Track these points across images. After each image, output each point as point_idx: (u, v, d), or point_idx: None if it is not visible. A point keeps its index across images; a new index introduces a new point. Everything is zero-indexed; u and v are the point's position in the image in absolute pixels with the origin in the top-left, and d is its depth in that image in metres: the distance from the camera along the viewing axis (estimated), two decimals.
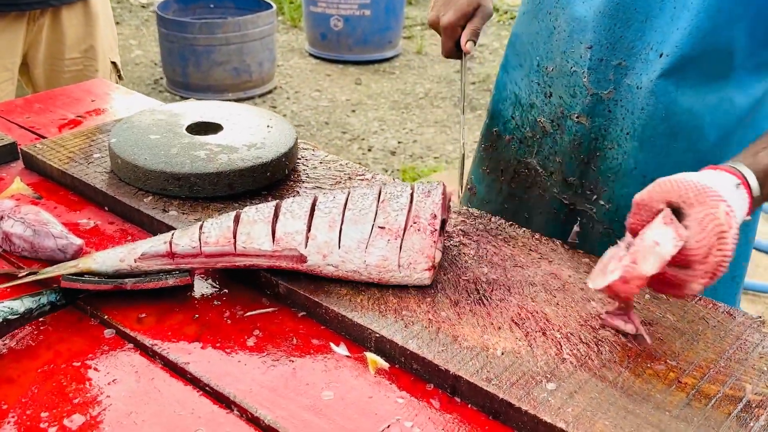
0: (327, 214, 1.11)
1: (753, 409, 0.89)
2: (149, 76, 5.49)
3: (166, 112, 1.50)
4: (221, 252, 1.10)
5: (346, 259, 1.08)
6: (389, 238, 1.09)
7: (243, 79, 5.09)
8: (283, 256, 1.09)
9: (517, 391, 0.91)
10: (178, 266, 1.10)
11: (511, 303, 1.07)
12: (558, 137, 1.29)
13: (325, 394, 0.94)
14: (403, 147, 4.48)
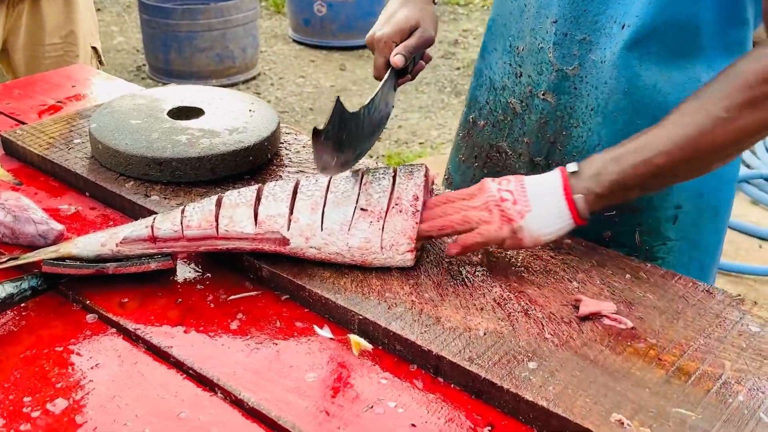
0: (309, 197, 1.11)
1: (732, 385, 0.90)
2: (131, 63, 5.45)
3: (146, 96, 1.49)
4: (203, 235, 1.10)
5: (329, 242, 1.08)
6: (371, 220, 1.09)
7: (226, 65, 5.06)
8: (265, 239, 1.09)
9: (499, 371, 0.91)
10: (160, 250, 1.10)
11: (493, 284, 1.07)
12: (526, 117, 1.29)
13: (308, 376, 0.95)
14: (388, 132, 4.48)
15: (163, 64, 5.04)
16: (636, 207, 1.23)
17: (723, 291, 1.07)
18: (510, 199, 1.05)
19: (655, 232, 1.24)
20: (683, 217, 1.24)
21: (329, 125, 1.06)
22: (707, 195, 1.25)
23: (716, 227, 1.30)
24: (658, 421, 0.84)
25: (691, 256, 1.27)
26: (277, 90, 5.07)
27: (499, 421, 0.89)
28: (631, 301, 1.05)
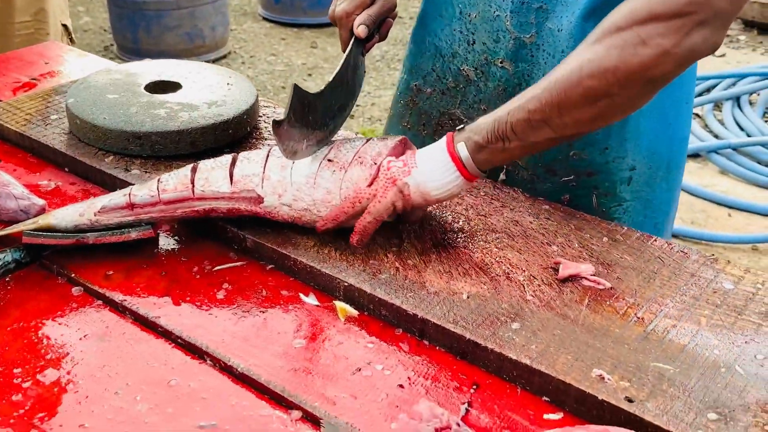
0: (280, 157, 1.12)
1: (708, 340, 0.93)
2: (99, 43, 5.37)
3: (122, 71, 1.48)
4: (180, 197, 1.10)
5: (298, 197, 1.09)
6: (335, 169, 1.10)
7: (196, 44, 5.02)
8: (241, 198, 1.10)
9: (483, 332, 0.94)
10: (138, 218, 1.10)
11: (476, 250, 1.09)
12: (482, 84, 1.30)
13: (296, 342, 0.96)
14: (361, 110, 4.48)
15: (131, 44, 4.97)
16: (592, 171, 1.26)
17: (697, 251, 1.10)
18: (398, 164, 1.06)
19: (612, 194, 1.28)
20: (637, 177, 1.28)
21: (290, 113, 1.07)
22: (659, 153, 1.28)
23: (669, 185, 1.33)
24: (636, 376, 0.87)
25: (645, 215, 1.31)
26: (248, 69, 5.04)
27: (484, 380, 0.91)
28: (609, 263, 1.07)
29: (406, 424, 0.78)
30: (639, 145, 1.26)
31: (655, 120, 1.27)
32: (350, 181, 1.08)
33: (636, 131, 1.25)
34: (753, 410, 0.83)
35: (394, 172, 1.06)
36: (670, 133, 1.30)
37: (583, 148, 1.26)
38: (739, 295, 1.01)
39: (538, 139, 1.01)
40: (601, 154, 1.26)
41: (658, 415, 0.81)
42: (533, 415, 0.86)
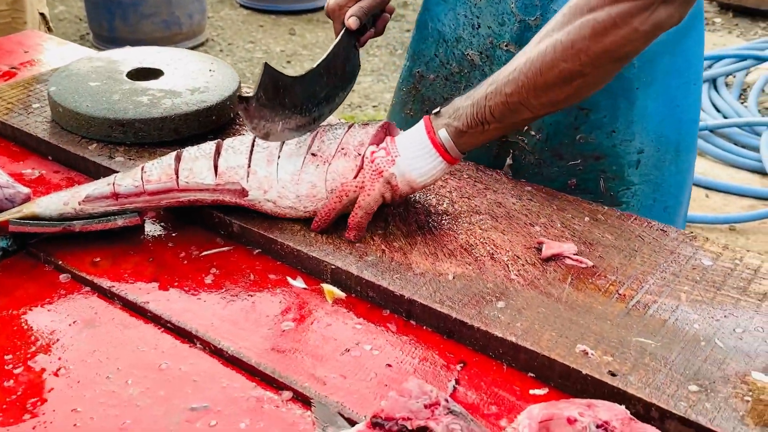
0: (265, 149, 1.13)
1: (688, 315, 0.95)
2: (74, 32, 5.32)
3: (104, 59, 1.48)
4: (164, 188, 1.11)
5: (283, 194, 1.10)
6: (318, 163, 1.10)
7: (173, 31, 4.98)
8: (225, 190, 1.11)
9: (469, 311, 0.95)
10: (123, 207, 1.11)
11: (460, 231, 1.11)
12: (487, 69, 1.31)
13: (285, 325, 0.98)
14: None
15: (107, 33, 4.92)
16: (599, 154, 1.27)
17: (676, 229, 1.13)
18: (381, 154, 1.07)
19: (619, 177, 1.28)
20: (645, 160, 1.28)
21: (259, 92, 1.07)
22: (668, 136, 1.29)
23: (678, 168, 1.33)
24: (619, 350, 0.89)
25: (654, 198, 1.31)
26: (226, 56, 5.02)
27: (471, 358, 0.93)
28: (591, 242, 1.09)
29: (395, 401, 0.79)
30: (646, 128, 1.26)
31: (663, 102, 1.27)
32: (336, 173, 1.09)
33: (643, 114, 1.26)
34: (732, 381, 0.85)
35: (379, 162, 1.07)
36: (678, 115, 1.30)
37: (590, 132, 1.26)
38: (718, 271, 1.04)
39: (516, 120, 1.04)
40: (608, 137, 1.26)
41: (640, 388, 0.84)
42: (519, 390, 0.88)
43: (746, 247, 3.11)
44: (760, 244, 3.18)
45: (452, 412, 0.77)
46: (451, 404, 0.79)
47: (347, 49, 1.23)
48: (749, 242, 3.19)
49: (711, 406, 0.82)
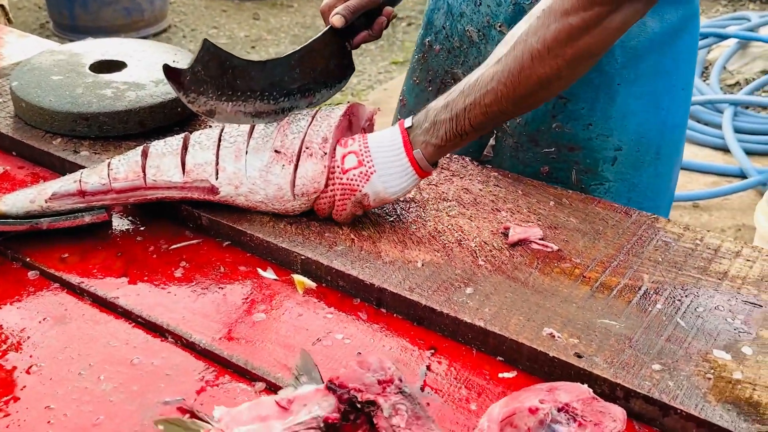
0: (232, 143, 1.12)
1: (651, 295, 0.98)
2: (34, 21, 5.23)
3: (66, 52, 1.46)
4: (131, 187, 1.10)
5: (253, 190, 1.10)
6: (284, 163, 1.10)
7: (134, 18, 4.92)
8: (194, 188, 1.11)
9: (438, 298, 0.97)
10: (90, 205, 1.10)
11: (428, 219, 1.12)
12: (483, 47, 1.31)
13: (256, 316, 0.98)
14: None
15: (68, 21, 4.85)
16: (574, 145, 1.27)
17: (638, 211, 1.15)
18: (354, 163, 1.07)
19: (593, 172, 1.28)
20: (623, 159, 1.28)
21: (195, 66, 1.08)
22: (649, 137, 1.28)
23: (657, 171, 1.32)
24: (585, 332, 0.91)
25: (629, 198, 1.31)
26: (189, 43, 4.96)
27: (441, 344, 0.95)
28: (556, 226, 1.11)
29: (353, 371, 0.81)
30: (626, 126, 1.26)
31: (646, 103, 1.27)
32: (305, 177, 1.08)
33: (623, 111, 1.26)
34: (695, 360, 0.88)
35: (352, 179, 1.06)
36: (662, 118, 1.29)
37: (566, 122, 1.26)
38: (679, 251, 1.06)
39: (494, 126, 1.08)
40: (585, 129, 1.26)
41: (606, 369, 0.86)
42: (489, 374, 0.90)
43: (710, 224, 3.18)
44: (723, 220, 3.24)
45: (402, 392, 0.79)
46: (404, 385, 0.80)
47: (332, 47, 1.22)
48: (712, 218, 3.25)
49: (674, 384, 0.84)
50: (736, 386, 0.84)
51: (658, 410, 0.83)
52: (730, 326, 0.93)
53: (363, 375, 0.80)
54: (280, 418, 0.78)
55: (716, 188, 3.34)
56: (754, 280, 1.01)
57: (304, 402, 0.79)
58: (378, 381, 0.80)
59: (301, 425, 0.76)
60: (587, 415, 0.78)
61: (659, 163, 1.32)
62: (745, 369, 0.87)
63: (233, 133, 1.13)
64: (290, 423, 0.77)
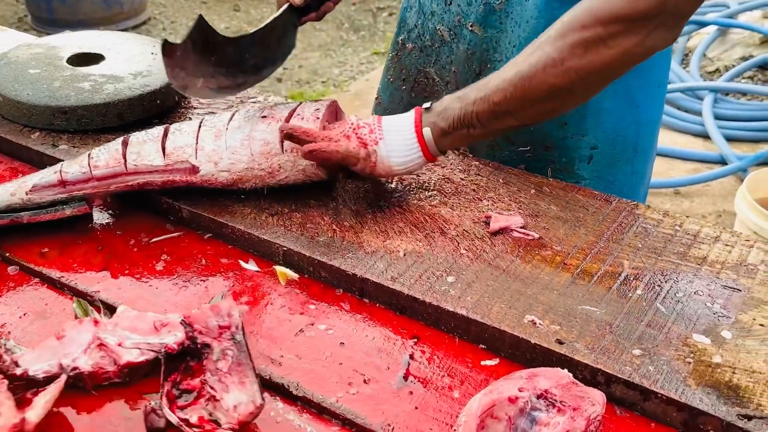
0: (212, 127, 1.13)
1: (631, 281, 0.99)
2: (12, 15, 5.17)
3: (43, 45, 1.45)
4: (112, 173, 1.10)
5: (235, 160, 1.10)
6: (270, 122, 1.11)
7: (114, 11, 4.88)
8: (175, 170, 1.11)
9: (420, 287, 0.97)
10: (71, 195, 1.10)
11: (410, 208, 1.13)
12: (454, 46, 1.32)
13: (240, 308, 0.98)
14: (289, 73, 4.44)
15: (46, 14, 4.80)
16: (549, 144, 1.27)
17: (618, 198, 1.16)
18: (366, 128, 1.08)
19: (569, 170, 1.29)
20: (599, 157, 1.28)
21: (187, 42, 1.08)
22: (625, 135, 1.29)
23: (634, 168, 1.33)
24: (566, 319, 0.92)
25: None
26: (169, 35, 4.93)
27: (424, 333, 0.95)
28: (537, 214, 1.12)
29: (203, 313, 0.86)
30: (601, 125, 1.26)
31: (621, 101, 1.27)
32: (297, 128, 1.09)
33: (597, 110, 1.25)
34: (674, 344, 0.89)
35: (364, 134, 1.08)
36: (638, 115, 1.30)
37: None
38: (659, 237, 1.07)
39: (501, 127, 1.07)
40: (559, 128, 1.26)
41: (587, 355, 0.86)
42: (471, 362, 0.91)
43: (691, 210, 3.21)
44: (704, 206, 3.27)
45: (234, 339, 0.84)
46: (238, 334, 0.85)
47: (286, 25, 1.23)
48: (694, 205, 3.28)
49: (654, 369, 0.85)
50: (716, 370, 0.85)
51: (639, 395, 0.83)
52: (709, 311, 0.94)
53: (210, 318, 0.85)
54: (145, 334, 0.87)
55: (697, 175, 3.37)
56: (733, 265, 1.02)
57: (170, 329, 0.87)
58: (219, 326, 0.85)
59: (148, 345, 0.85)
60: (566, 400, 0.79)
61: (636, 160, 1.33)
62: (724, 353, 0.88)
63: (214, 120, 1.14)
64: (143, 340, 0.86)
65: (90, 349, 0.86)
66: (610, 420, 0.83)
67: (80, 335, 0.87)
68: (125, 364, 0.85)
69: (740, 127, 3.68)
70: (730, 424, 0.79)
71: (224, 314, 0.86)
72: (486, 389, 0.82)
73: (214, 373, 0.82)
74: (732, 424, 0.79)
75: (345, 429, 0.83)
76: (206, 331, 0.85)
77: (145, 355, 0.85)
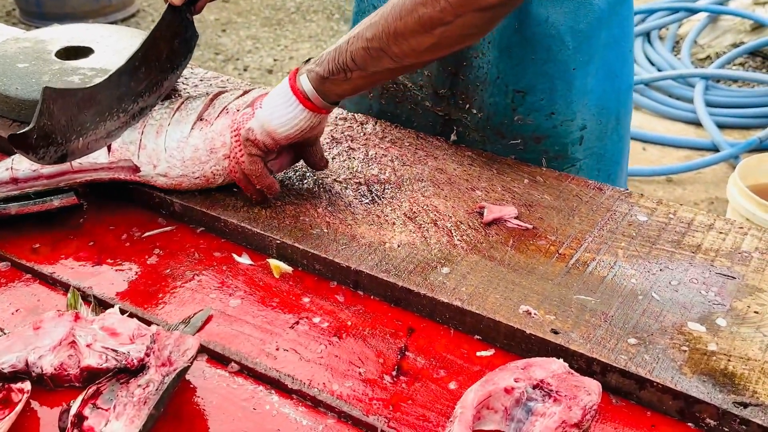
0: (157, 120, 1.12)
1: (626, 270, 0.98)
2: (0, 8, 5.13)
3: (31, 39, 1.44)
4: (59, 171, 1.10)
5: (171, 164, 1.09)
6: (202, 126, 1.10)
7: (102, 3, 4.84)
8: (119, 168, 1.11)
9: (415, 278, 0.97)
10: (23, 191, 1.09)
11: (403, 200, 1.12)
12: None
13: (233, 302, 0.98)
14: (280, 64, 4.43)
15: (34, 7, 4.77)
16: (540, 135, 1.26)
17: (612, 186, 1.15)
18: (246, 111, 1.06)
19: (563, 156, 1.28)
20: (588, 135, 1.28)
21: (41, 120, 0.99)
22: (609, 107, 1.29)
23: (619, 135, 1.34)
24: (561, 308, 0.92)
25: (598, 169, 1.32)
26: None
27: (419, 324, 0.95)
28: (531, 204, 1.11)
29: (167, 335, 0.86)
30: (587, 104, 1.26)
31: (602, 76, 1.26)
32: (214, 132, 1.09)
33: (582, 92, 1.25)
34: (670, 333, 0.89)
35: (239, 120, 1.06)
36: (617, 85, 1.30)
37: (527, 114, 1.25)
38: (653, 226, 1.07)
39: (378, 69, 1.01)
40: (548, 119, 1.26)
41: (582, 344, 0.86)
42: (466, 353, 0.91)
43: (683, 197, 3.21)
44: (697, 193, 3.28)
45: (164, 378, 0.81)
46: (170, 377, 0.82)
47: (174, 26, 1.18)
48: (686, 192, 3.28)
49: (650, 357, 0.85)
50: (711, 358, 0.85)
51: (635, 383, 0.83)
52: (704, 298, 0.94)
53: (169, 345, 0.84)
54: (119, 341, 0.86)
55: (689, 162, 3.37)
56: (727, 253, 1.02)
57: (143, 341, 0.85)
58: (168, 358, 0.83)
59: (114, 353, 0.84)
60: (562, 390, 0.79)
61: (620, 127, 1.34)
62: (719, 340, 0.88)
63: (162, 110, 1.13)
64: (112, 347, 0.85)
65: (60, 346, 0.85)
66: (606, 409, 0.83)
67: (56, 329, 0.87)
68: (86, 367, 0.84)
69: (732, 114, 3.68)
70: (726, 411, 0.79)
71: (181, 351, 0.83)
72: (481, 380, 0.81)
73: (126, 395, 0.80)
74: (728, 412, 0.79)
75: (340, 422, 0.83)
76: (158, 354, 0.83)
77: (108, 362, 0.84)
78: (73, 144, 1.06)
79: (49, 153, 1.02)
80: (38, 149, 1.01)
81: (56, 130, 1.02)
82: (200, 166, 1.08)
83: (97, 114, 1.08)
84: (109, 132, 1.10)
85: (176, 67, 1.20)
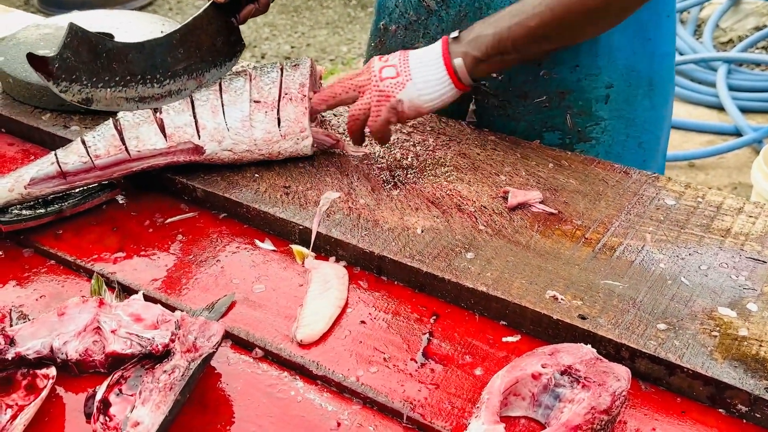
0: (206, 101, 1.13)
1: (654, 255, 0.97)
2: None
3: (51, 25, 1.43)
4: (116, 161, 1.09)
5: (238, 140, 1.11)
6: (266, 110, 1.12)
7: None
8: (179, 151, 1.10)
9: (439, 263, 0.96)
10: (73, 185, 1.08)
11: (426, 184, 1.11)
12: (444, 13, 1.29)
13: (256, 288, 0.97)
14: (297, 51, 4.41)
15: None
16: (564, 90, 1.25)
17: (639, 170, 1.14)
18: (392, 74, 1.09)
19: (587, 113, 1.27)
20: (615, 95, 1.27)
21: (64, 52, 1.05)
22: (639, 70, 1.27)
23: (653, 103, 1.31)
24: (588, 293, 0.90)
25: (627, 134, 1.29)
26: (176, 15, 4.90)
27: (443, 310, 0.94)
28: (556, 188, 1.10)
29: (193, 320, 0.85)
30: (614, 62, 1.25)
31: (632, 36, 1.25)
32: (288, 120, 1.12)
33: (608, 47, 1.24)
34: (700, 318, 0.87)
35: (387, 85, 1.08)
36: (650, 49, 1.28)
37: (552, 67, 1.24)
38: (681, 210, 1.05)
39: (536, 51, 1.11)
40: (572, 72, 1.25)
41: (610, 330, 0.85)
42: (492, 339, 0.90)
43: (706, 183, 3.17)
44: (719, 178, 3.24)
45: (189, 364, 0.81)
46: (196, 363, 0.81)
47: (215, 23, 1.18)
48: (708, 177, 3.24)
49: (680, 343, 0.84)
50: (742, 343, 0.84)
51: (664, 369, 0.82)
52: (734, 283, 0.92)
53: (194, 331, 0.83)
54: (144, 326, 0.85)
55: (712, 147, 3.33)
56: (757, 236, 1.00)
57: (168, 326, 0.84)
58: (193, 343, 0.82)
59: (138, 339, 0.84)
60: (591, 376, 0.78)
61: (653, 94, 1.31)
62: (750, 326, 0.86)
63: (204, 92, 1.14)
64: (136, 332, 0.84)
65: (85, 331, 0.85)
66: (636, 395, 0.82)
67: (81, 315, 0.86)
68: (110, 353, 0.84)
69: (755, 98, 3.63)
70: (758, 397, 0.78)
71: (206, 336, 0.83)
72: (508, 366, 0.81)
73: (152, 381, 0.79)
74: (760, 398, 0.78)
75: (366, 408, 0.82)
76: (183, 340, 0.83)
77: (132, 348, 0.83)
78: (100, 92, 1.10)
79: (73, 90, 1.08)
80: (60, 80, 1.06)
81: (81, 69, 1.07)
82: (271, 145, 1.12)
83: (129, 73, 1.12)
84: (141, 96, 1.13)
85: (219, 65, 1.20)
